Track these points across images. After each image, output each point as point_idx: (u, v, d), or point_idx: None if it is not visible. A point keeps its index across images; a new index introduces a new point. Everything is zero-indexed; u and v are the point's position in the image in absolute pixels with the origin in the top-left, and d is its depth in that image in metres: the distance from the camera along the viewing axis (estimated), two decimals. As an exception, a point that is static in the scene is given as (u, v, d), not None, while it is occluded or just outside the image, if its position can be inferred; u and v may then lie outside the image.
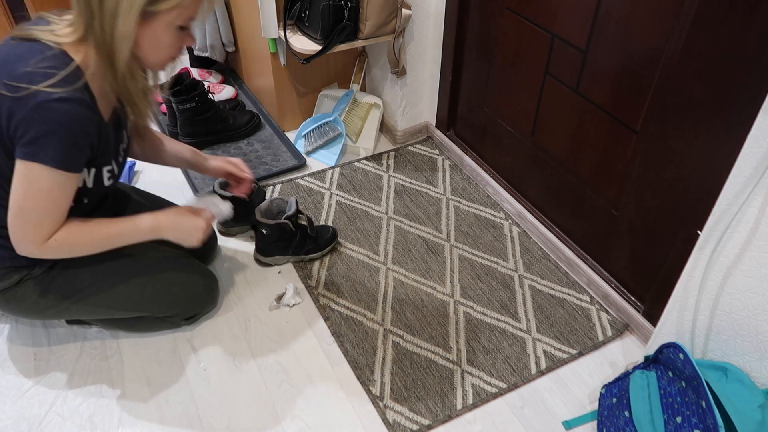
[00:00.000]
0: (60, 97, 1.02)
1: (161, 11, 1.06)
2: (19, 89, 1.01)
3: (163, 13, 1.06)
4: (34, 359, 1.42)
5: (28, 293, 1.25)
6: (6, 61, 1.06)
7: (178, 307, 1.42)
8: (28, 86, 1.01)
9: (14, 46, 1.08)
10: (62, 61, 1.06)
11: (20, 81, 1.02)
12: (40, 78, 1.02)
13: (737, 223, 1.08)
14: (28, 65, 1.03)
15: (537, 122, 1.66)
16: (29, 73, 1.02)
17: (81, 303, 1.31)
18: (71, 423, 1.30)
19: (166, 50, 1.13)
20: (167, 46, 1.12)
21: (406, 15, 1.85)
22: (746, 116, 1.06)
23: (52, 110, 1.02)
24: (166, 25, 1.08)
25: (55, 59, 1.05)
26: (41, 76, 1.02)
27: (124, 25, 1.03)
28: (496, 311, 1.55)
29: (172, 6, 1.06)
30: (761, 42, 1.03)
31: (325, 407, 1.34)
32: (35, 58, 1.04)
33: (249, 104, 2.32)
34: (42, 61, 1.04)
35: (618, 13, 1.29)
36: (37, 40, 1.07)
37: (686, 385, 1.13)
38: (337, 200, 1.88)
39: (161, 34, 1.09)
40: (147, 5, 1.04)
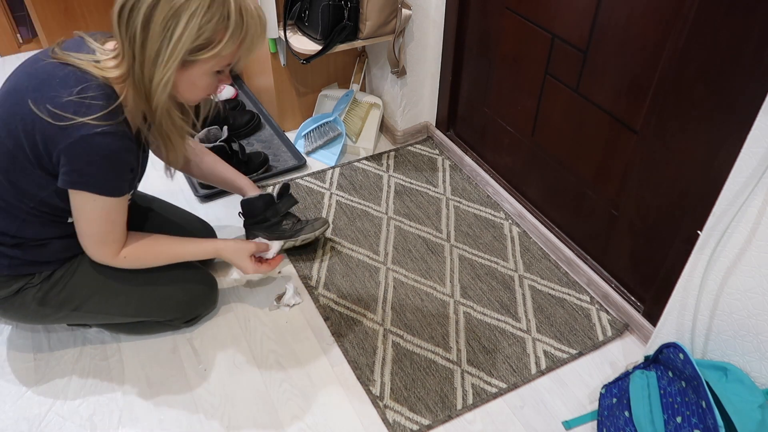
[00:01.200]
0: (103, 131, 1.05)
1: (200, 60, 1.08)
2: (63, 118, 1.04)
3: (202, 62, 1.09)
4: (34, 359, 1.42)
5: (27, 302, 1.25)
6: (48, 83, 1.06)
7: (179, 311, 1.42)
8: (73, 117, 1.04)
9: (56, 67, 1.08)
10: (105, 94, 1.07)
11: (65, 110, 1.04)
12: (85, 110, 1.04)
13: (737, 223, 1.08)
14: (72, 94, 1.05)
15: (537, 122, 1.66)
16: (74, 104, 1.04)
17: (81, 310, 1.31)
18: (71, 423, 1.30)
19: (202, 92, 1.17)
20: (203, 89, 1.16)
21: (406, 15, 1.85)
22: (746, 116, 1.06)
23: (96, 144, 1.05)
24: (204, 72, 1.11)
25: (99, 90, 1.07)
26: (86, 108, 1.04)
27: (163, 73, 1.06)
28: (496, 311, 1.55)
29: (211, 56, 1.08)
30: (761, 42, 1.03)
31: (325, 407, 1.34)
32: (79, 87, 1.05)
33: (249, 104, 2.32)
34: (85, 91, 1.05)
35: (618, 13, 1.29)
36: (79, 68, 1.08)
37: (686, 385, 1.13)
38: (337, 200, 1.88)
39: (198, 80, 1.12)
40: (187, 55, 1.05)
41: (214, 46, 1.07)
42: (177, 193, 1.90)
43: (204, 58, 1.07)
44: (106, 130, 1.05)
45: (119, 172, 1.13)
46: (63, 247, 1.25)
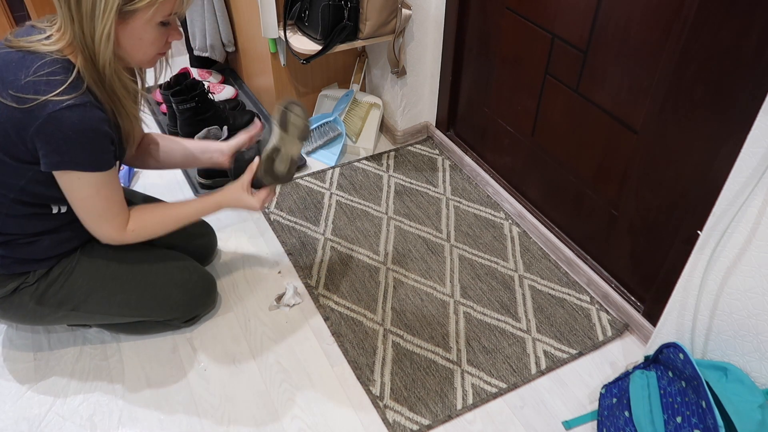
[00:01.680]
0: (69, 104, 1.02)
1: (138, 9, 1.04)
2: (26, 101, 1.01)
3: (140, 11, 1.04)
4: (34, 359, 1.42)
5: (25, 301, 1.25)
6: (5, 70, 1.05)
7: (178, 310, 1.42)
8: (35, 97, 1.01)
9: (9, 53, 1.06)
10: (62, 67, 1.05)
11: (26, 92, 1.02)
12: (44, 87, 1.02)
13: (737, 223, 1.08)
14: (29, 74, 1.03)
15: (537, 122, 1.66)
16: (33, 83, 1.02)
17: (79, 310, 1.31)
18: (71, 423, 1.30)
19: (150, 47, 1.12)
20: (150, 43, 1.11)
21: (406, 15, 1.85)
22: (746, 116, 1.06)
23: (66, 119, 1.03)
24: (145, 22, 1.06)
25: (54, 65, 1.04)
26: (45, 85, 1.02)
27: (103, 25, 1.02)
28: (496, 311, 1.55)
29: (148, 3, 1.03)
30: (761, 42, 1.03)
31: (325, 407, 1.34)
32: (34, 65, 1.03)
33: (249, 104, 2.32)
34: (41, 68, 1.03)
35: (618, 13, 1.29)
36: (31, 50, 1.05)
37: (686, 385, 1.13)
38: (337, 200, 1.88)
39: (142, 32, 1.08)
40: (123, 5, 1.02)
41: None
42: (177, 192, 1.91)
43: (141, 6, 1.03)
44: (72, 103, 1.03)
45: (99, 144, 1.09)
46: (53, 244, 1.24)
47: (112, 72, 1.08)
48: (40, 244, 1.22)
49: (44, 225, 1.21)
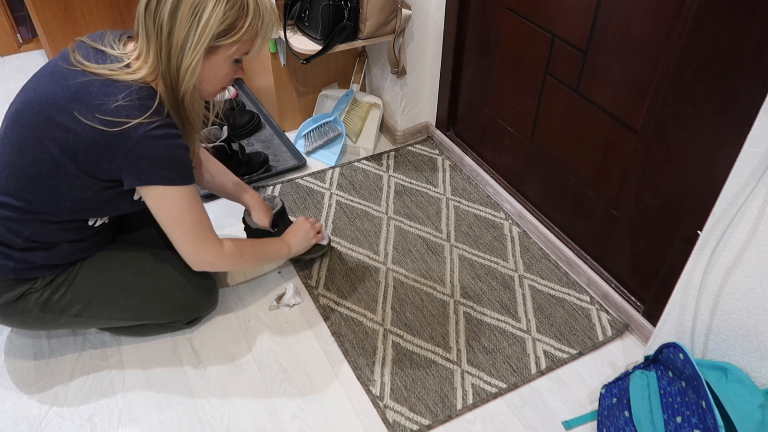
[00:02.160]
0: (158, 125, 1.10)
1: (223, 46, 1.13)
2: (117, 124, 1.07)
3: (224, 48, 1.13)
4: (34, 359, 1.42)
5: (29, 307, 1.25)
6: (87, 93, 1.09)
7: (179, 314, 1.42)
8: (127, 120, 1.07)
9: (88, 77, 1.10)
10: (149, 94, 1.11)
11: (117, 116, 1.07)
12: (137, 112, 1.08)
13: (737, 223, 1.08)
14: (118, 100, 1.08)
15: (537, 122, 1.66)
16: (124, 107, 1.08)
17: (82, 316, 1.31)
18: (71, 423, 1.30)
19: (221, 81, 1.20)
20: (222, 77, 1.19)
21: (406, 15, 1.85)
22: (746, 116, 1.06)
23: (157, 139, 1.10)
24: (225, 58, 1.16)
25: (143, 92, 1.11)
26: (137, 109, 1.08)
27: (192, 58, 1.10)
28: (496, 311, 1.55)
29: (234, 41, 1.13)
30: (761, 42, 1.03)
31: (325, 407, 1.34)
32: (123, 92, 1.09)
33: (249, 104, 2.32)
34: (130, 95, 1.09)
35: (618, 13, 1.29)
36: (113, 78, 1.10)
37: (686, 385, 1.13)
38: (337, 200, 1.88)
39: (219, 67, 1.16)
40: (213, 40, 1.10)
41: (236, 32, 1.12)
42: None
43: (227, 43, 1.13)
44: (161, 124, 1.10)
45: (184, 160, 1.16)
46: (69, 252, 1.26)
47: (190, 100, 1.16)
48: (58, 250, 1.24)
49: (73, 235, 1.24)
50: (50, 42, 2.41)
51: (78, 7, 2.40)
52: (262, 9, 1.15)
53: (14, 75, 2.52)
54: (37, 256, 1.21)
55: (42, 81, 1.14)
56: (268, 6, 1.18)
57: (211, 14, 1.08)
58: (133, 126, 1.07)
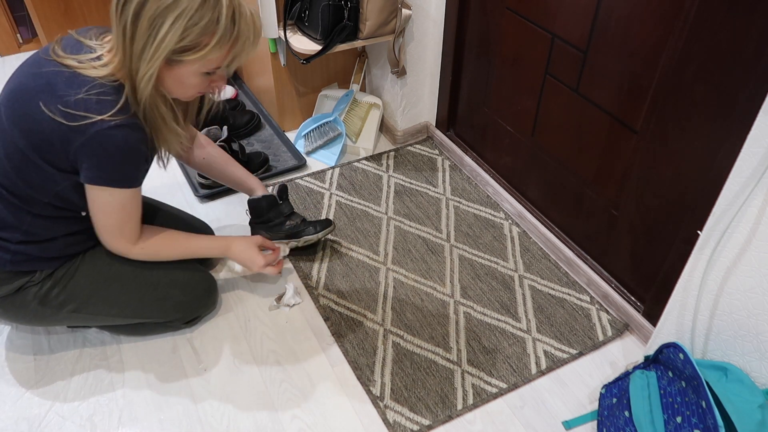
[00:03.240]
0: (117, 124, 1.07)
1: (186, 61, 1.09)
2: (76, 117, 1.06)
3: (188, 63, 1.09)
4: (34, 359, 1.42)
5: (28, 301, 1.25)
6: (54, 85, 1.08)
7: (179, 312, 1.42)
8: (85, 115, 1.05)
9: (59, 69, 1.09)
10: (114, 89, 1.09)
11: (77, 109, 1.06)
12: (96, 107, 1.06)
13: (737, 223, 1.08)
14: (81, 92, 1.06)
15: (537, 122, 1.66)
16: (84, 101, 1.06)
17: (81, 312, 1.31)
18: (71, 423, 1.30)
19: (191, 90, 1.17)
20: (192, 87, 1.16)
21: (406, 15, 1.85)
22: (746, 116, 1.06)
23: (111, 138, 1.08)
24: (191, 72, 1.11)
25: (107, 87, 1.09)
26: (96, 104, 1.07)
27: (146, 69, 1.07)
28: (496, 311, 1.55)
29: (197, 58, 1.08)
30: (761, 42, 1.03)
31: (325, 407, 1.34)
32: (87, 86, 1.07)
33: (249, 104, 2.32)
34: (94, 88, 1.07)
35: (618, 13, 1.29)
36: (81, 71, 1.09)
37: (686, 385, 1.13)
38: (337, 200, 1.88)
39: (186, 79, 1.13)
40: (171, 54, 1.06)
41: (199, 50, 1.07)
42: (177, 193, 1.91)
43: (189, 59, 1.08)
44: (119, 123, 1.08)
45: (136, 164, 1.15)
46: (67, 244, 1.26)
47: (149, 105, 1.13)
48: (55, 243, 1.24)
49: (68, 228, 1.24)
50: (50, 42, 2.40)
51: (78, 7, 2.41)
52: (238, 27, 1.09)
53: (14, 75, 2.52)
54: (33, 249, 1.21)
55: (21, 72, 1.15)
56: (250, 21, 1.11)
57: (168, 30, 1.03)
58: (90, 122, 1.06)
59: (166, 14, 1.02)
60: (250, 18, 1.11)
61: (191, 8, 1.03)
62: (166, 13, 1.02)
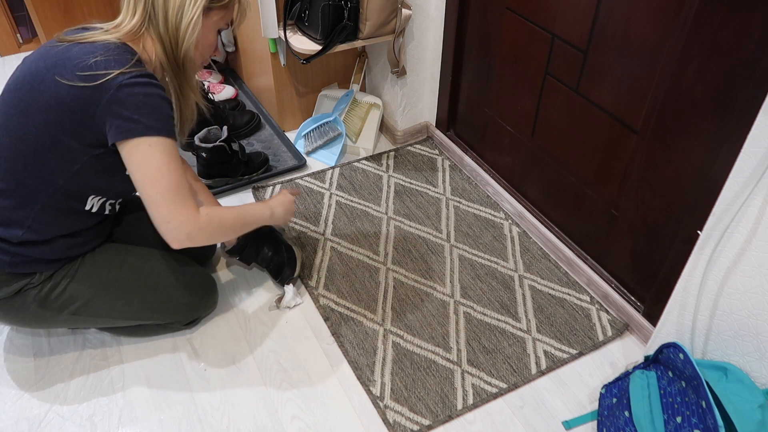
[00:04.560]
0: (138, 74, 1.10)
1: (214, 8, 1.17)
2: (96, 77, 1.07)
3: (215, 11, 1.18)
4: (34, 359, 1.42)
5: (27, 303, 1.25)
6: (66, 58, 1.10)
7: (179, 313, 1.42)
8: (105, 72, 1.07)
9: (68, 46, 1.12)
10: (127, 49, 1.13)
11: (96, 69, 1.08)
12: (114, 63, 1.09)
13: (737, 223, 1.08)
14: (96, 55, 1.09)
15: (537, 122, 1.66)
16: (103, 61, 1.09)
17: (81, 314, 1.31)
18: (71, 423, 1.30)
19: (208, 49, 1.24)
20: (209, 46, 1.24)
21: (406, 15, 1.85)
22: (746, 116, 1.06)
23: (137, 87, 1.09)
24: (213, 24, 1.20)
25: (121, 47, 1.12)
26: (114, 62, 1.09)
27: (192, 14, 1.13)
28: (496, 311, 1.55)
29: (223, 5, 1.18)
30: (761, 42, 1.03)
31: (325, 407, 1.34)
32: (99, 49, 1.10)
33: (249, 104, 2.32)
34: (107, 48, 1.10)
35: (618, 13, 1.29)
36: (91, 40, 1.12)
37: (686, 385, 1.13)
38: (337, 200, 1.88)
39: (207, 33, 1.20)
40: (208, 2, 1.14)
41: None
42: (177, 193, 1.90)
43: (218, 6, 1.17)
44: (140, 73, 1.10)
45: (167, 111, 1.14)
46: (67, 246, 1.25)
47: (190, 59, 1.18)
48: (54, 244, 1.23)
49: (70, 226, 1.23)
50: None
51: (78, 7, 2.41)
52: None
53: (14, 75, 2.52)
54: (33, 250, 1.21)
55: (27, 62, 1.16)
56: None
57: None
58: (112, 76, 1.07)
59: None
60: None
61: None
62: None
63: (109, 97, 1.07)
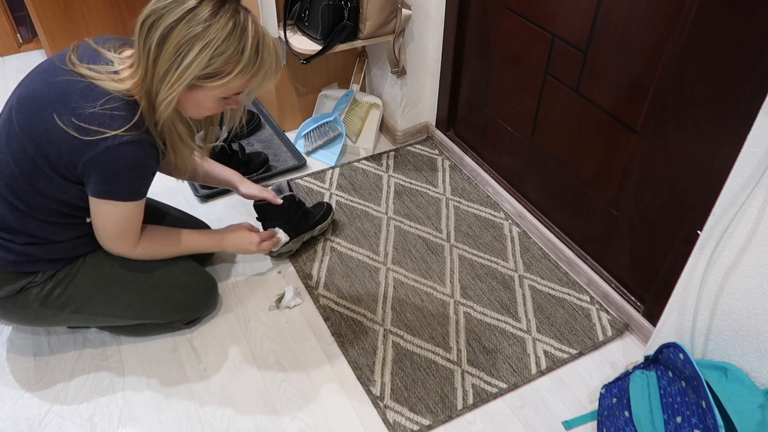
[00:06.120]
0: (128, 140, 1.08)
1: (207, 87, 1.10)
2: (89, 132, 1.06)
3: (208, 89, 1.11)
4: (34, 359, 1.42)
5: (29, 302, 1.25)
6: (68, 95, 1.08)
7: (180, 313, 1.42)
8: (98, 130, 1.06)
9: (75, 79, 1.09)
10: (127, 105, 1.10)
11: (90, 123, 1.06)
12: (109, 122, 1.07)
13: (737, 223, 1.08)
14: (95, 106, 1.06)
15: (537, 122, 1.66)
16: (98, 116, 1.06)
17: (82, 312, 1.31)
18: (71, 423, 1.30)
19: (206, 111, 1.19)
20: (207, 110, 1.18)
21: (406, 15, 1.85)
22: (746, 116, 1.06)
23: (122, 154, 1.08)
24: (210, 97, 1.13)
25: (120, 102, 1.09)
26: (110, 120, 1.07)
27: (168, 93, 1.07)
28: (496, 311, 1.55)
29: (219, 86, 1.10)
30: (761, 42, 1.03)
31: (325, 407, 1.34)
32: (101, 99, 1.07)
33: (249, 104, 2.32)
34: (108, 103, 1.07)
35: (618, 13, 1.29)
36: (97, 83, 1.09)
37: (686, 385, 1.13)
38: (337, 200, 1.88)
39: (203, 102, 1.15)
40: (194, 81, 1.07)
41: (222, 77, 1.09)
42: (177, 193, 1.90)
43: (211, 86, 1.09)
44: (129, 140, 1.08)
45: (143, 179, 1.17)
46: (72, 247, 1.26)
47: (166, 126, 1.14)
48: (59, 246, 1.24)
49: (73, 233, 1.25)
50: (50, 42, 2.41)
51: (78, 7, 2.40)
52: (261, 56, 1.11)
53: (14, 75, 2.52)
54: (37, 250, 1.22)
55: (35, 79, 1.14)
56: (272, 51, 1.13)
57: (195, 58, 1.04)
58: (102, 137, 1.06)
59: (193, 42, 1.03)
60: (273, 48, 1.14)
61: (219, 38, 1.04)
62: (193, 42, 1.03)
63: (93, 156, 1.07)
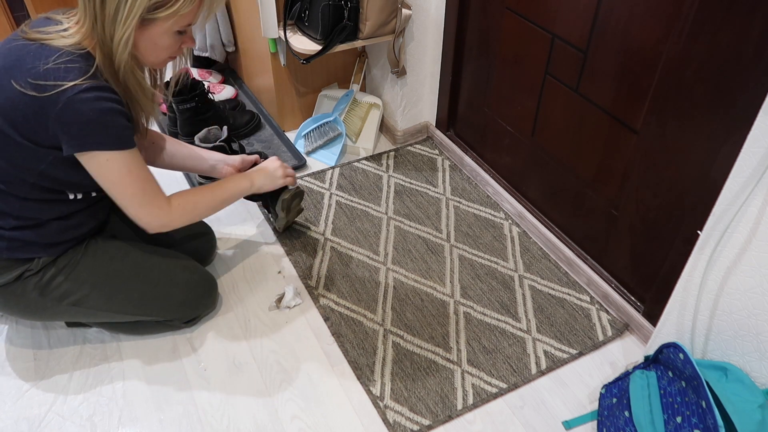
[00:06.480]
0: (87, 87, 1.06)
1: (159, 18, 1.09)
2: (46, 88, 1.04)
3: (161, 20, 1.09)
4: (34, 359, 1.42)
5: (28, 290, 1.25)
6: (22, 59, 1.08)
7: (179, 311, 1.42)
8: (54, 84, 1.04)
9: (26, 44, 1.09)
10: (81, 56, 1.09)
11: (46, 79, 1.05)
12: (64, 74, 1.05)
13: (737, 223, 1.08)
14: (48, 62, 1.06)
15: (537, 122, 1.66)
16: (52, 71, 1.05)
17: (81, 306, 1.31)
18: (71, 423, 1.30)
19: (164, 52, 1.17)
20: (164, 49, 1.17)
21: (406, 15, 1.85)
22: (746, 116, 1.06)
23: (84, 102, 1.06)
24: (163, 30, 1.12)
25: (73, 55, 1.08)
26: (64, 72, 1.05)
27: (123, 30, 1.06)
28: (496, 311, 1.55)
29: (170, 14, 1.08)
30: (761, 42, 1.03)
31: (325, 407, 1.34)
32: (53, 55, 1.07)
33: (249, 104, 2.32)
34: (60, 57, 1.07)
35: (618, 13, 1.29)
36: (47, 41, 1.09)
37: (686, 385, 1.13)
38: (337, 200, 1.88)
39: (158, 38, 1.13)
40: (145, 13, 1.06)
41: (172, 4, 1.08)
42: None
43: (163, 16, 1.08)
44: (89, 86, 1.06)
45: (118, 122, 1.11)
46: (60, 229, 1.24)
47: (127, 71, 1.12)
48: (48, 227, 1.23)
49: (59, 210, 1.23)
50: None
51: (78, 7, 2.40)
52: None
53: (14, 75, 2.52)
54: (28, 233, 1.21)
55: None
56: None
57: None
58: (60, 90, 1.04)
59: None
60: None
61: None
62: None
63: (57, 111, 1.05)
